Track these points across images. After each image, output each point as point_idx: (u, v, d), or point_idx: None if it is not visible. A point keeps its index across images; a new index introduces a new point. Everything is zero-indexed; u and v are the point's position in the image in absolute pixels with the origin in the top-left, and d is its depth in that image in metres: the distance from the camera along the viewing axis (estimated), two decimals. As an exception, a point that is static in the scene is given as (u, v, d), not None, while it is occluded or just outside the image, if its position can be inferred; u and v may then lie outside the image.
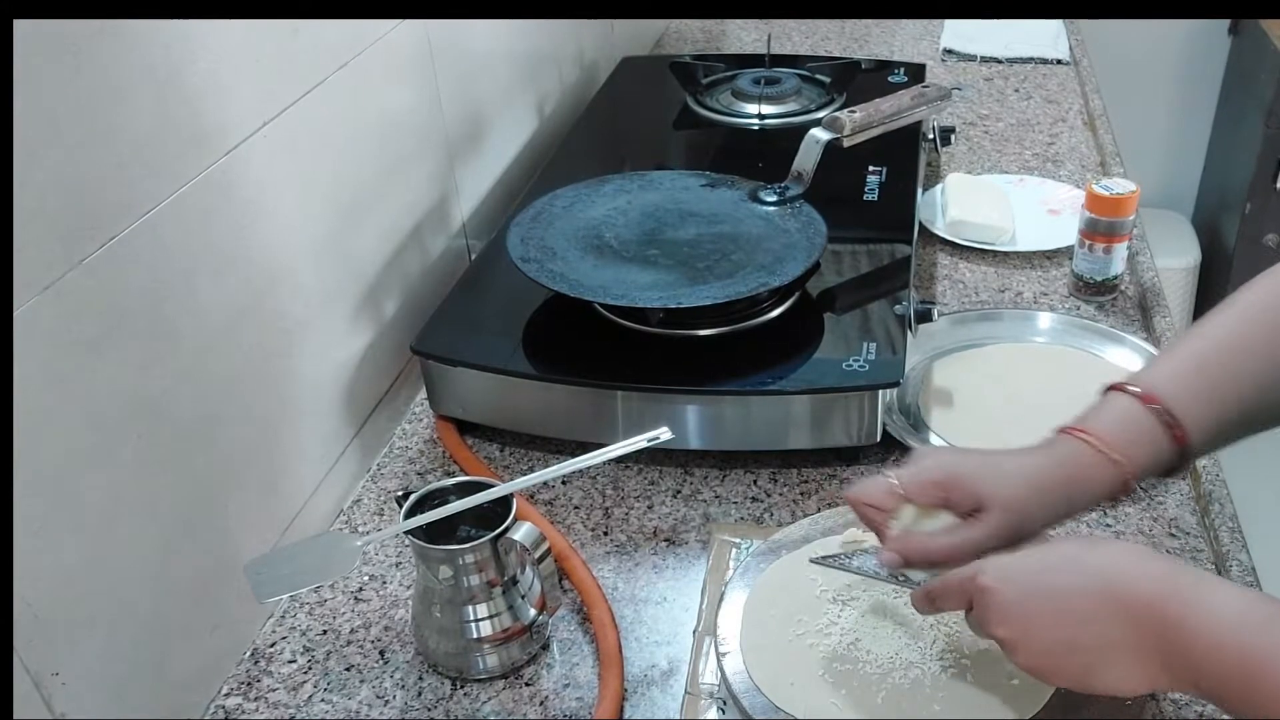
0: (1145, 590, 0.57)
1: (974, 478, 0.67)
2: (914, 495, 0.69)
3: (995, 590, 0.61)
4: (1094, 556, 0.60)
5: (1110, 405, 0.68)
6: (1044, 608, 0.60)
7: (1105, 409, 0.68)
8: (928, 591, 0.66)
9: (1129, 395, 0.68)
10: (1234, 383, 0.67)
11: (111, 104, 0.64)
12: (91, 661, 0.65)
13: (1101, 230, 1.10)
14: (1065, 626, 0.59)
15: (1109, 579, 0.58)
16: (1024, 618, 0.60)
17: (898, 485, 0.69)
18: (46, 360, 0.60)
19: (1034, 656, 0.60)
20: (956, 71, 1.76)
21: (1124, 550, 0.61)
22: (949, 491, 0.68)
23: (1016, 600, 0.60)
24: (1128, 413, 0.67)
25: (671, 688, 0.75)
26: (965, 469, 0.68)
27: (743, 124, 1.38)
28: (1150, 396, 0.67)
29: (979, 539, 0.66)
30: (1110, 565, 0.59)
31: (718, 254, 0.99)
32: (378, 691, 0.76)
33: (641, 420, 0.90)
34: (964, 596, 0.63)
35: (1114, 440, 0.66)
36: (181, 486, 0.73)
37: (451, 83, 1.12)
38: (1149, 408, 0.66)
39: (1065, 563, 0.61)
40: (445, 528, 0.75)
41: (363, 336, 0.97)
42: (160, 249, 0.69)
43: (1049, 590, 0.60)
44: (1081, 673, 0.59)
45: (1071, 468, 0.67)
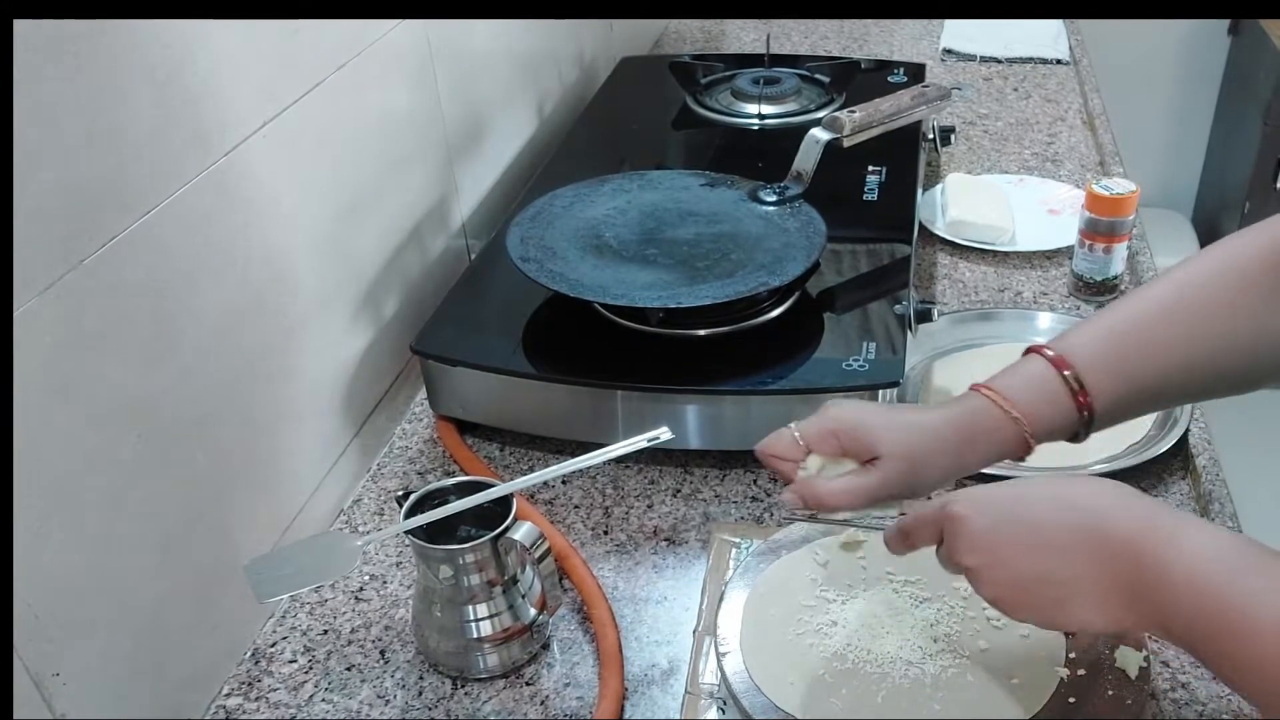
0: (1124, 527, 0.56)
1: (869, 427, 0.68)
2: (813, 444, 0.70)
3: (966, 518, 0.60)
4: (1074, 490, 0.60)
5: (1024, 366, 0.70)
6: (1017, 537, 0.59)
7: (1018, 369, 0.70)
8: (900, 526, 0.66)
9: (1043, 358, 0.69)
10: (1149, 356, 0.68)
11: (111, 104, 0.64)
12: (91, 661, 0.65)
13: (1101, 230, 1.10)
14: (1037, 557, 0.58)
15: (1088, 513, 0.57)
16: (994, 546, 0.59)
17: (799, 436, 0.70)
18: (46, 360, 0.60)
19: (1002, 587, 0.59)
20: (956, 71, 1.76)
21: (1106, 487, 0.60)
22: (844, 441, 0.69)
23: (988, 528, 0.59)
24: (1038, 375, 0.68)
25: (671, 687, 0.75)
26: (861, 419, 0.69)
27: (742, 124, 1.38)
28: (1062, 361, 0.68)
29: (872, 484, 0.67)
30: (1091, 500, 0.58)
31: (717, 254, 1.00)
32: (378, 691, 0.76)
33: (641, 420, 0.90)
34: (936, 528, 0.62)
35: (1018, 399, 0.67)
36: (181, 486, 0.73)
37: (451, 83, 1.12)
38: (1060, 373, 0.67)
39: (1043, 494, 0.60)
40: (445, 528, 0.75)
41: (363, 336, 0.97)
42: (160, 249, 0.69)
43: (1023, 520, 0.59)
44: (1049, 605, 0.58)
45: (972, 421, 0.68)
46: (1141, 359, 0.68)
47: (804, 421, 0.71)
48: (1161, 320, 0.68)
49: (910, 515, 0.65)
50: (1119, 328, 0.69)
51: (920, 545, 0.65)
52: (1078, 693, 0.68)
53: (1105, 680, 0.69)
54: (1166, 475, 0.90)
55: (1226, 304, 0.67)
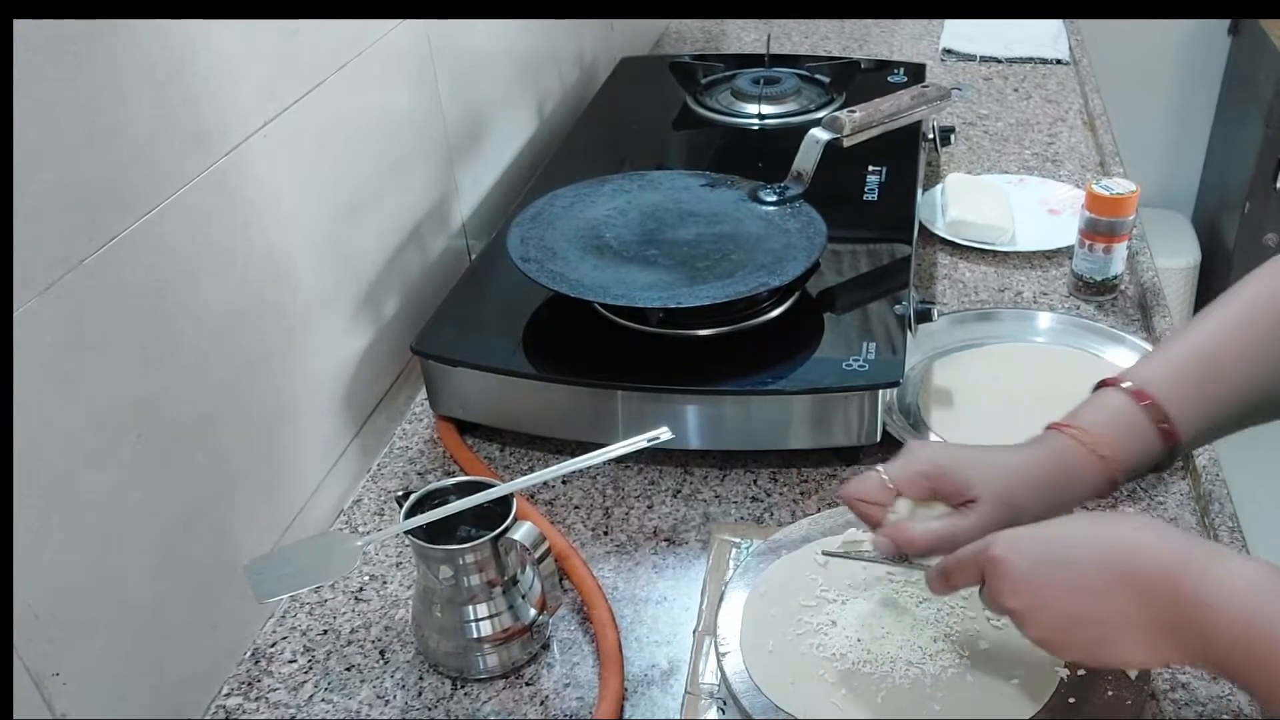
0: (1159, 563, 0.56)
1: (962, 470, 0.68)
2: (903, 488, 0.69)
3: (1007, 560, 0.60)
4: (1108, 529, 0.60)
5: (1101, 401, 0.69)
6: (1056, 578, 0.59)
7: (1096, 405, 0.69)
8: (941, 569, 0.66)
9: (1121, 392, 0.68)
10: (1227, 380, 0.67)
11: (111, 104, 0.64)
12: (91, 661, 0.65)
13: (1101, 230, 1.10)
14: (1077, 598, 0.58)
15: (1123, 551, 0.58)
16: (1036, 589, 0.60)
17: (888, 480, 0.69)
18: (46, 360, 0.60)
19: (1045, 629, 0.60)
20: (956, 71, 1.76)
21: (1139, 524, 0.61)
22: (936, 483, 0.68)
23: (1028, 571, 0.60)
24: (1119, 410, 0.68)
25: (671, 688, 0.75)
26: (953, 462, 0.68)
27: (742, 124, 1.38)
28: (1142, 394, 0.67)
29: (968, 528, 0.66)
30: (1125, 538, 0.59)
31: (717, 254, 0.99)
32: (378, 691, 0.76)
33: (641, 420, 0.90)
34: (976, 570, 0.63)
35: (1103, 437, 0.67)
36: (181, 486, 0.73)
37: (451, 83, 1.12)
38: (1140, 405, 0.67)
39: (1079, 535, 0.61)
40: (445, 528, 0.75)
41: (363, 336, 0.97)
42: (160, 249, 0.69)
43: (1062, 561, 0.59)
44: (1092, 645, 0.59)
45: (1060, 463, 0.67)
46: (1221, 383, 0.68)
47: (891, 464, 0.70)
48: (1237, 341, 0.68)
49: (951, 558, 0.65)
50: (1193, 354, 0.69)
51: (961, 587, 0.65)
52: (1078, 693, 0.68)
53: (1105, 680, 0.69)
54: (1166, 475, 0.90)
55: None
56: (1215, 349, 0.68)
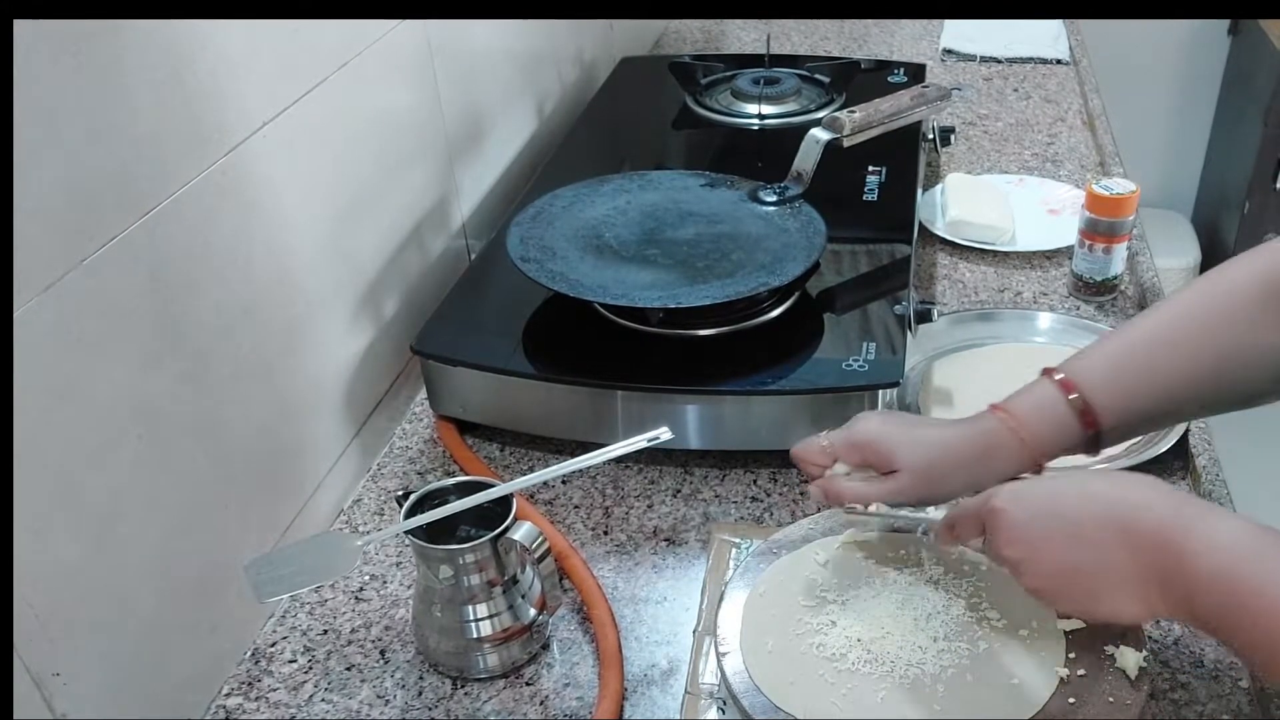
0: (1151, 518, 0.60)
1: (890, 442, 0.73)
2: (839, 454, 0.75)
3: (1005, 511, 0.64)
4: (1105, 485, 0.63)
5: (1035, 388, 0.74)
6: (1053, 530, 0.62)
7: (1030, 391, 0.74)
8: (946, 521, 0.71)
9: (1052, 382, 0.73)
10: (1154, 377, 0.72)
11: (112, 104, 0.64)
12: (91, 661, 0.65)
13: (1101, 230, 1.10)
14: (1072, 549, 0.61)
15: (1117, 506, 0.61)
16: (1032, 539, 0.63)
17: (828, 444, 0.76)
18: (46, 360, 0.60)
19: (1041, 578, 0.63)
20: (956, 71, 1.76)
21: (1136, 480, 0.63)
22: (866, 453, 0.74)
23: (1025, 521, 0.63)
24: (1046, 398, 0.73)
25: (671, 688, 0.75)
26: (883, 434, 0.74)
27: (742, 124, 1.38)
28: (1069, 384, 0.72)
29: (882, 491, 0.74)
30: (1120, 493, 0.62)
31: (717, 254, 1.00)
32: (378, 691, 0.77)
33: (641, 420, 0.90)
34: (978, 521, 0.67)
35: (1028, 421, 0.72)
36: (181, 486, 0.73)
37: (451, 83, 1.12)
38: (1065, 395, 0.72)
39: (1077, 489, 0.64)
40: (445, 527, 0.75)
41: (363, 336, 0.97)
42: (161, 249, 0.69)
43: (1059, 513, 0.63)
44: (1086, 596, 0.62)
45: (985, 442, 0.73)
46: (1146, 379, 0.72)
47: (835, 431, 0.77)
48: (1164, 341, 0.72)
49: (955, 510, 0.70)
50: (1124, 350, 0.74)
51: (966, 539, 0.70)
52: (1078, 693, 0.68)
53: (1105, 680, 0.69)
54: (1167, 475, 0.90)
55: (1225, 324, 0.71)
56: (1146, 346, 0.73)
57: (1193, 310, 0.73)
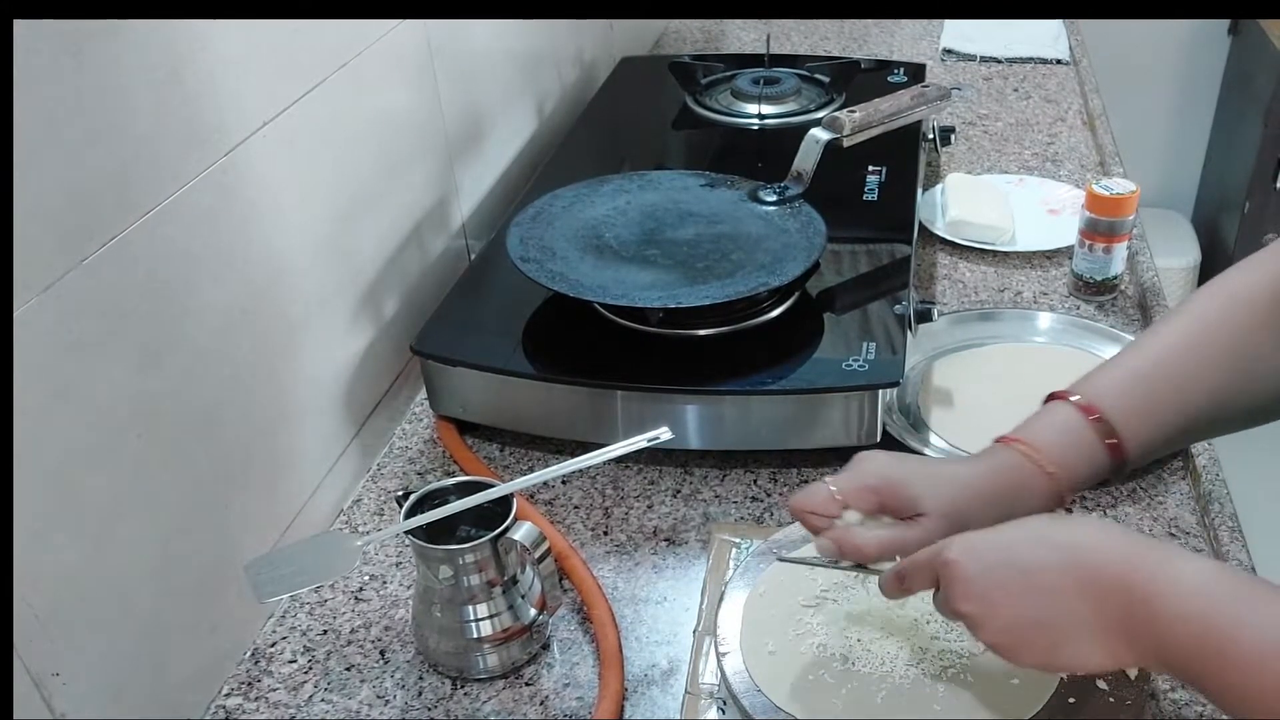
0: (1111, 564, 0.56)
1: (910, 484, 0.67)
2: (851, 500, 0.68)
3: (959, 564, 0.60)
4: (1061, 531, 0.60)
5: (1050, 415, 0.69)
6: (1009, 582, 0.58)
7: (1045, 418, 0.69)
8: (896, 572, 0.65)
9: (1070, 405, 0.68)
10: (1175, 396, 0.68)
11: (112, 104, 0.64)
12: (91, 661, 0.65)
13: (1101, 230, 1.10)
14: (1031, 602, 0.58)
15: (1075, 553, 0.57)
16: (988, 592, 0.59)
17: (836, 492, 0.69)
18: (46, 360, 0.60)
19: (999, 634, 0.59)
20: (956, 71, 1.76)
21: (1091, 525, 0.60)
22: (884, 497, 0.68)
23: (981, 574, 0.59)
24: (1067, 424, 0.68)
25: (671, 688, 0.75)
26: (901, 475, 0.68)
27: (742, 124, 1.38)
28: (1090, 408, 0.67)
29: (913, 540, 0.66)
30: (1077, 540, 0.58)
31: (717, 254, 0.99)
32: (378, 691, 0.76)
33: (641, 420, 0.90)
34: (931, 573, 0.62)
35: (1051, 452, 0.67)
36: (181, 486, 0.73)
37: (451, 83, 1.12)
38: (1089, 420, 0.67)
39: (1032, 537, 0.60)
40: (445, 528, 0.75)
41: (363, 336, 0.97)
42: (160, 249, 0.69)
43: (1014, 564, 0.59)
44: (1047, 649, 0.58)
45: (1008, 479, 0.67)
46: (1166, 398, 0.68)
47: (839, 476, 0.70)
48: (1181, 358, 0.68)
49: (906, 561, 0.65)
50: (1141, 369, 0.69)
51: (916, 590, 0.65)
52: (1078, 693, 0.68)
53: (1105, 680, 0.69)
54: (1167, 475, 0.90)
55: (1241, 340, 0.67)
56: (1166, 364, 0.69)
57: (1207, 323, 0.69)
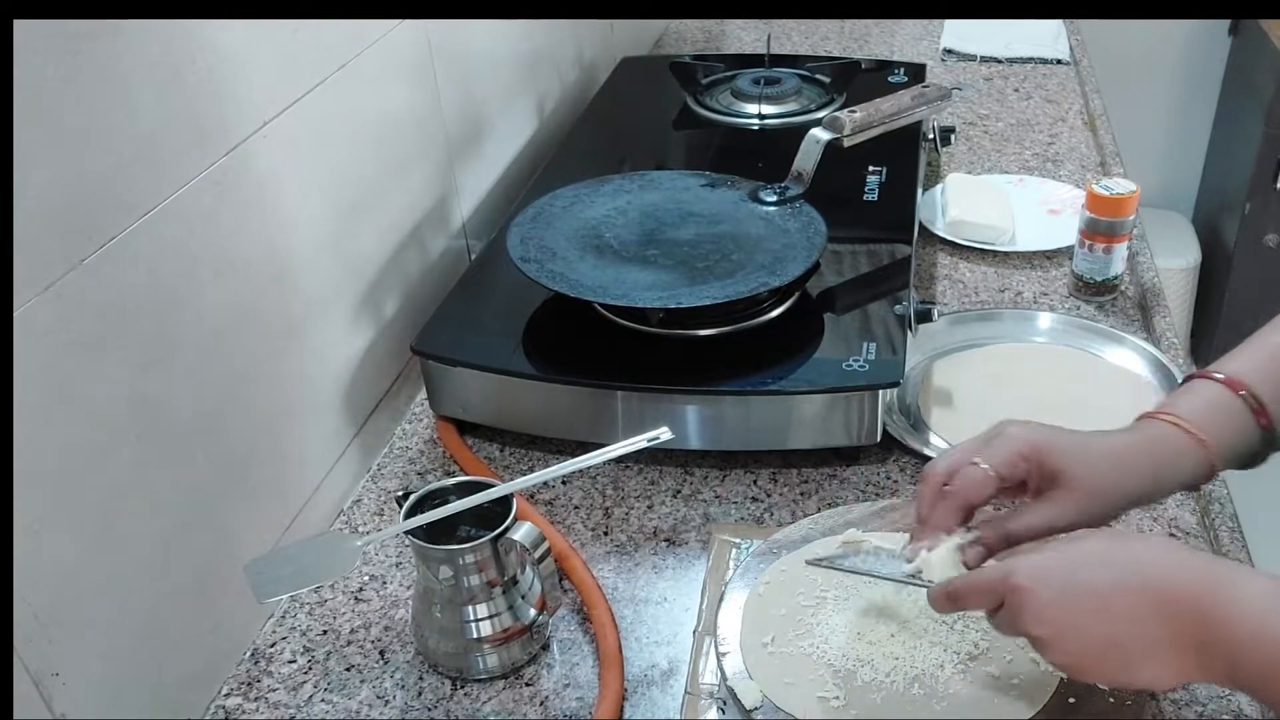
0: (1182, 584, 0.57)
1: (1059, 453, 0.67)
2: (1000, 469, 0.67)
3: (1031, 590, 0.60)
4: (1127, 552, 0.60)
5: (1195, 391, 0.69)
6: (1082, 606, 0.59)
7: (1189, 394, 0.69)
8: (949, 592, 0.65)
9: (1213, 382, 0.69)
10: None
11: (112, 104, 0.64)
12: (91, 661, 0.65)
13: (1101, 230, 1.10)
14: (1104, 624, 0.58)
15: (1145, 574, 0.58)
16: (1061, 616, 0.60)
17: (988, 468, 0.67)
18: (46, 360, 0.60)
19: (1072, 655, 0.60)
20: (956, 71, 1.76)
21: (1157, 544, 0.61)
22: (1033, 465, 0.67)
23: (1053, 600, 0.60)
24: (1214, 398, 0.68)
25: (671, 688, 0.75)
26: (1051, 443, 0.67)
27: (743, 124, 1.38)
28: (1235, 383, 0.68)
29: (1064, 516, 0.66)
30: (1145, 560, 0.59)
31: (718, 254, 0.99)
32: (378, 691, 0.76)
33: (641, 420, 0.90)
34: (994, 596, 0.62)
35: (1201, 422, 0.67)
36: (181, 486, 0.73)
37: (451, 83, 1.12)
38: (1235, 393, 0.67)
39: (1099, 560, 0.61)
40: (445, 528, 0.75)
41: (363, 336, 0.97)
42: (160, 249, 0.69)
43: (1086, 588, 0.59)
44: (1119, 669, 0.59)
45: (1159, 448, 0.67)
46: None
47: (985, 449, 0.68)
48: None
49: (964, 580, 0.65)
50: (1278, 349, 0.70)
51: (970, 610, 0.65)
52: (1077, 693, 0.68)
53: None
54: (1166, 475, 0.90)
55: None
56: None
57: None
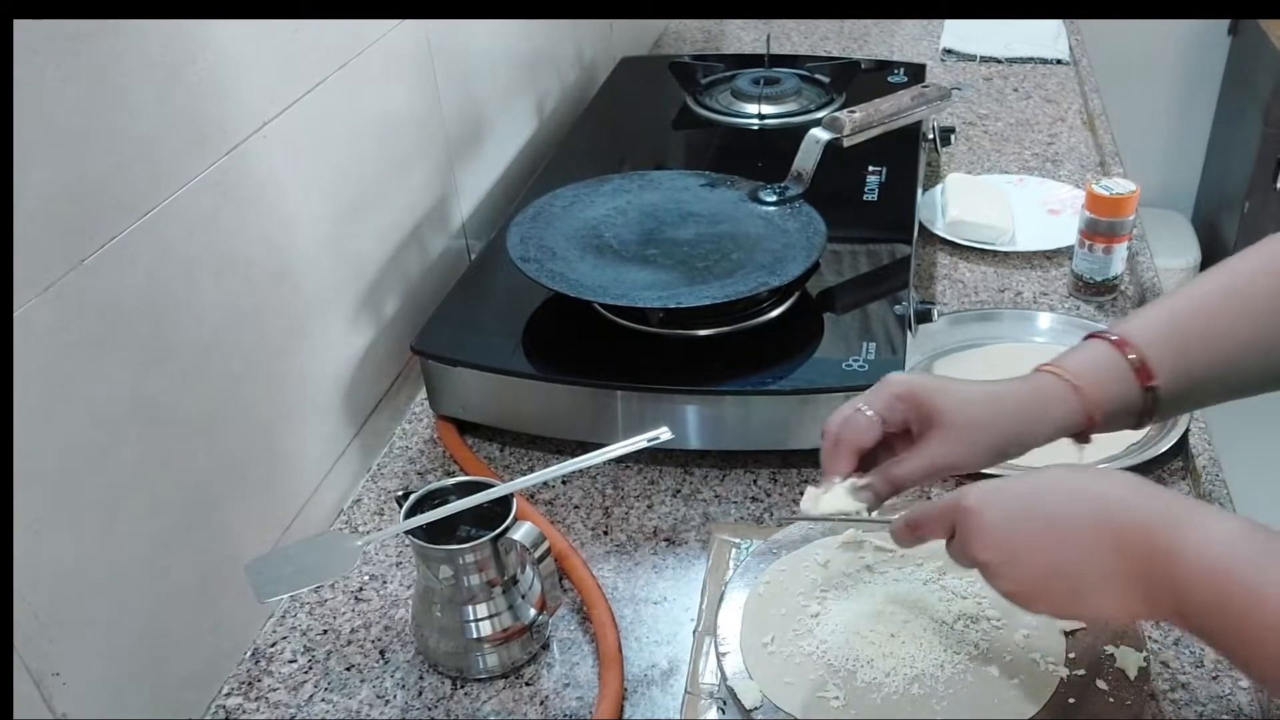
0: (1138, 517, 0.56)
1: (936, 394, 0.68)
2: (880, 411, 0.69)
3: (980, 511, 0.59)
4: (1085, 481, 0.60)
5: (1085, 348, 0.70)
6: (1031, 530, 0.58)
7: (1079, 350, 0.70)
8: (908, 521, 0.65)
9: (1103, 340, 0.69)
10: (1210, 341, 0.68)
11: (112, 104, 0.64)
12: (91, 661, 0.65)
13: (1101, 230, 1.10)
14: (1052, 550, 0.57)
15: (1100, 504, 0.57)
16: (1009, 540, 0.59)
17: (868, 410, 0.69)
18: (46, 360, 0.60)
19: (1017, 582, 0.59)
20: (956, 71, 1.76)
21: (1117, 477, 0.60)
22: (909, 406, 0.68)
23: (1002, 522, 0.59)
24: (1099, 354, 0.69)
25: (671, 688, 0.75)
26: (926, 386, 0.69)
27: (742, 124, 1.38)
28: (1124, 343, 0.68)
29: (940, 455, 0.66)
30: (1102, 491, 0.58)
31: (717, 254, 0.99)
32: (378, 691, 0.77)
33: (641, 420, 0.90)
34: (946, 521, 0.62)
35: (1082, 374, 0.68)
36: (181, 486, 0.73)
37: (451, 83, 1.12)
38: (1122, 354, 0.68)
39: (1055, 486, 0.60)
40: (445, 528, 0.75)
41: (363, 336, 0.97)
42: (161, 249, 0.69)
43: (1038, 513, 0.59)
44: (1065, 598, 0.58)
45: (1035, 393, 0.68)
46: (1203, 343, 0.68)
47: (865, 395, 0.70)
48: (1220, 306, 0.69)
49: (919, 508, 0.65)
50: (1179, 313, 0.70)
51: (928, 538, 0.65)
52: (1078, 693, 0.68)
53: (1105, 680, 0.69)
54: (1166, 475, 0.90)
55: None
56: (1200, 311, 0.69)
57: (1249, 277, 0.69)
